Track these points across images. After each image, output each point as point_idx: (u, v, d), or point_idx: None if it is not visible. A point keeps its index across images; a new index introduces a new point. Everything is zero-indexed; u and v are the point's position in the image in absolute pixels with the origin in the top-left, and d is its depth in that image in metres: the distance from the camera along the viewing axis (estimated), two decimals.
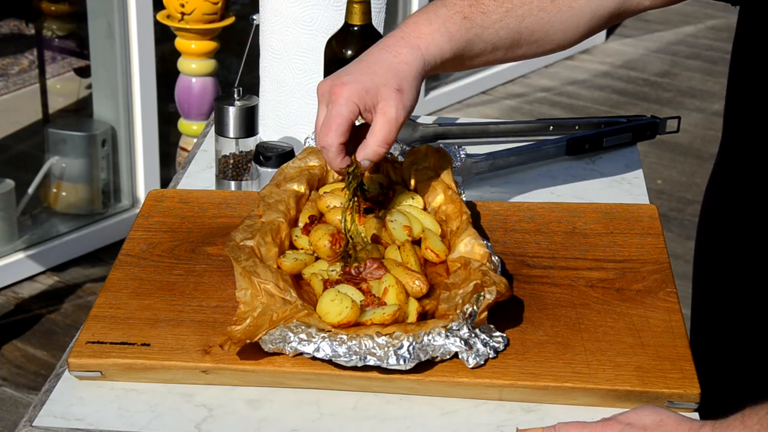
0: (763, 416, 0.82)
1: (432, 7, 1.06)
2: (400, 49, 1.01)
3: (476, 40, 1.06)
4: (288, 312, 0.95)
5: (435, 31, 1.03)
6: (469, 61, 1.08)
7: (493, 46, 1.07)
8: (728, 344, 1.07)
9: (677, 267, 1.19)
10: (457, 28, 1.05)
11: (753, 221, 1.02)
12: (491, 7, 1.07)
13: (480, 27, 1.06)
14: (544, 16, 1.08)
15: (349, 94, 0.98)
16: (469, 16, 1.06)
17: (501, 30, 1.07)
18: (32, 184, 2.84)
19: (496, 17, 1.07)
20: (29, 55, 3.44)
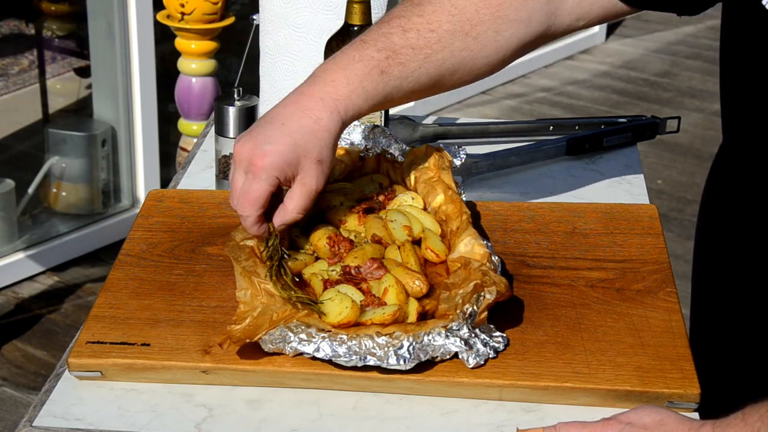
0: (764, 413, 0.82)
1: (348, 60, 1.02)
2: (321, 114, 0.99)
3: (395, 92, 1.03)
4: (288, 312, 0.95)
5: (353, 92, 1.00)
6: (387, 105, 1.06)
7: (412, 92, 1.05)
8: (727, 344, 1.07)
9: (677, 267, 1.19)
10: (374, 86, 1.02)
11: (752, 221, 1.02)
12: (409, 57, 1.03)
13: (398, 79, 1.03)
14: (466, 55, 1.04)
15: (270, 168, 0.97)
16: (386, 70, 1.02)
17: (421, 77, 1.04)
18: (32, 184, 2.84)
19: (415, 66, 1.03)
20: (29, 55, 3.44)
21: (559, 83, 4.09)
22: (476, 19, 1.04)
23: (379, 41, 1.02)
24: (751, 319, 1.04)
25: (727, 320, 1.07)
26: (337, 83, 1.00)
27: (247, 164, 0.98)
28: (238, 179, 0.99)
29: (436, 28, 1.03)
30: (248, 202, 0.98)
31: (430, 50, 1.03)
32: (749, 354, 1.05)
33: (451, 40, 1.03)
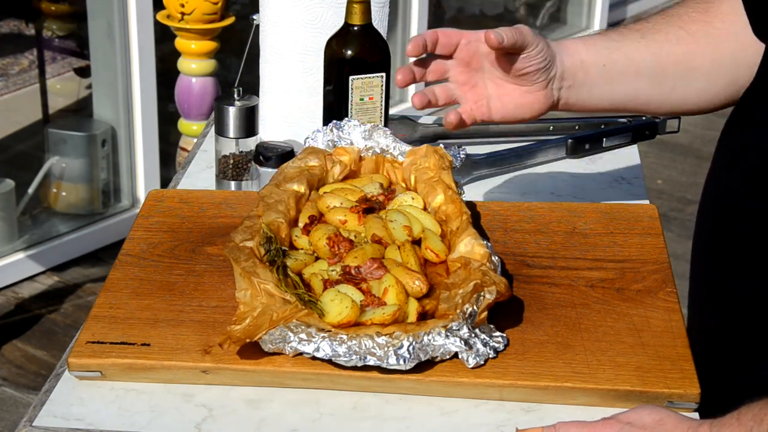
0: (756, 412, 0.82)
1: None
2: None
3: (615, 51, 1.07)
4: (288, 312, 0.95)
5: (573, 40, 1.08)
6: (616, 78, 1.08)
7: (635, 67, 1.08)
8: (726, 343, 1.07)
9: (677, 267, 1.18)
10: (592, 39, 1.08)
11: (751, 220, 1.02)
12: (626, 31, 1.09)
13: (617, 41, 1.08)
14: (683, 45, 1.09)
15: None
16: (603, 34, 1.10)
17: (641, 48, 1.08)
18: (32, 184, 2.84)
19: (634, 36, 1.09)
20: (29, 55, 3.44)
21: None
22: (687, 18, 1.10)
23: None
24: (749, 318, 1.04)
25: (725, 320, 1.07)
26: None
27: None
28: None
29: (650, 20, 1.11)
30: None
31: (645, 31, 1.09)
32: (747, 353, 1.05)
33: (666, 26, 1.09)
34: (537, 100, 1.08)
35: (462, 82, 1.09)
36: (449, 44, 1.07)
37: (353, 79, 1.25)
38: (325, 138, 1.18)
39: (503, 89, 1.09)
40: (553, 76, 1.08)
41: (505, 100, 1.08)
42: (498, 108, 1.09)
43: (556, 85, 1.09)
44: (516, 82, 1.08)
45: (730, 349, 1.06)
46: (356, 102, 1.27)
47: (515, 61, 1.07)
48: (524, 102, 1.08)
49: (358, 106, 1.27)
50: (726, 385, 1.04)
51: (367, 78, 1.26)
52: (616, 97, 1.10)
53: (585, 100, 1.10)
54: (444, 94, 1.09)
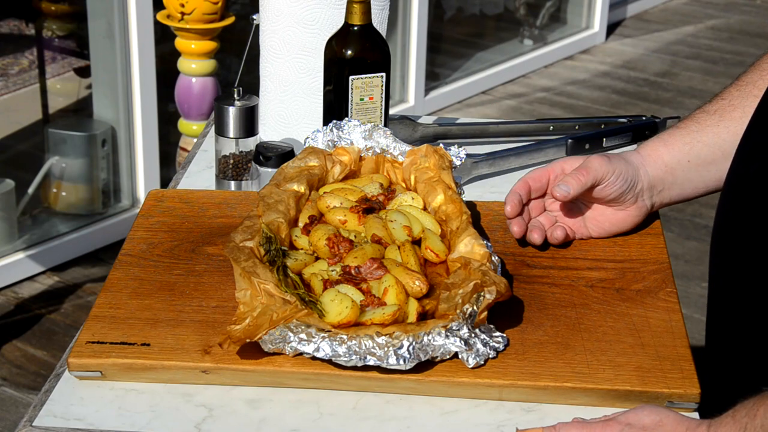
0: (750, 408, 0.83)
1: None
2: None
3: (696, 144, 1.10)
4: (288, 312, 0.95)
5: (652, 144, 1.11)
6: (703, 168, 1.10)
7: (722, 151, 1.10)
8: (744, 344, 1.06)
9: (677, 267, 1.19)
10: (671, 136, 1.11)
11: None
12: (702, 117, 1.11)
13: (696, 131, 1.10)
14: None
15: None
16: (682, 127, 1.12)
17: (721, 132, 1.10)
18: (32, 184, 2.84)
19: (711, 122, 1.10)
20: (29, 55, 3.44)
21: (559, 83, 4.09)
22: (762, 83, 1.10)
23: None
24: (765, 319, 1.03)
25: (744, 321, 1.06)
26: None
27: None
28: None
29: (726, 96, 1.12)
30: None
31: (723, 111, 1.10)
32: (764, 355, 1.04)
33: (742, 101, 1.10)
34: (630, 214, 1.13)
35: (558, 209, 1.14)
36: (541, 187, 1.13)
37: (353, 79, 1.25)
38: (325, 138, 1.18)
39: (596, 211, 1.13)
40: (640, 190, 1.12)
41: (599, 220, 1.13)
42: (595, 228, 1.14)
43: (647, 195, 1.12)
44: (607, 204, 1.12)
45: (746, 351, 1.05)
46: (356, 102, 1.27)
47: (597, 194, 1.11)
48: (618, 219, 1.13)
49: (358, 106, 1.27)
50: (741, 386, 1.03)
51: (367, 78, 1.26)
52: (710, 183, 1.13)
53: (679, 195, 1.14)
54: (546, 220, 1.14)
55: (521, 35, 4.24)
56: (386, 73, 1.27)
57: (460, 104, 3.85)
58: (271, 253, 1.02)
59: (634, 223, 1.13)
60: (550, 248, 1.12)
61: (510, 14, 4.34)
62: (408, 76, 3.63)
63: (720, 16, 4.82)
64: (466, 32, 4.24)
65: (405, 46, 3.61)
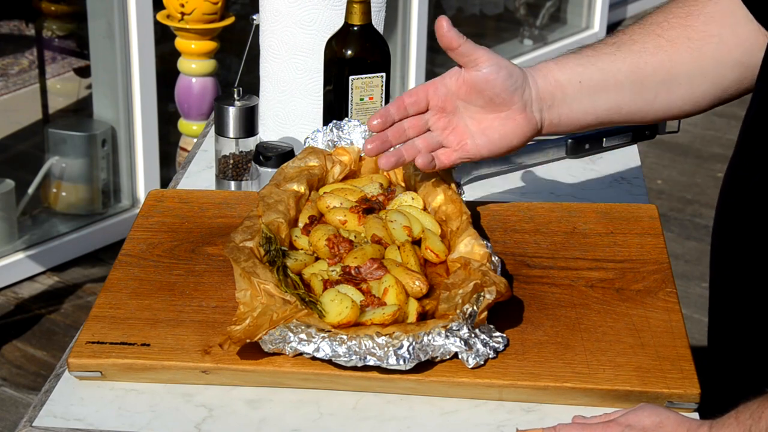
0: (754, 410, 0.82)
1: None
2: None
3: (590, 67, 1.07)
4: (288, 312, 0.95)
5: (543, 62, 1.08)
6: (595, 93, 1.07)
7: (613, 80, 1.07)
8: (746, 344, 1.06)
9: (677, 267, 1.19)
10: (564, 58, 1.08)
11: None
12: (600, 46, 1.09)
13: (590, 56, 1.07)
14: (662, 53, 1.07)
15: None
16: (577, 51, 1.09)
17: (617, 61, 1.07)
18: (32, 184, 2.84)
19: (608, 50, 1.08)
20: (29, 55, 3.44)
21: None
22: (666, 24, 1.09)
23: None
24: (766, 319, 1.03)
25: (744, 321, 1.06)
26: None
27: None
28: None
29: (627, 31, 1.10)
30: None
31: (620, 41, 1.08)
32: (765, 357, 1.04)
33: (643, 36, 1.09)
34: (519, 124, 1.06)
35: (442, 127, 1.07)
36: (419, 101, 1.06)
37: (353, 79, 1.25)
38: (325, 138, 1.18)
39: (483, 123, 1.07)
40: (528, 98, 1.06)
41: (487, 132, 1.07)
42: (484, 143, 1.07)
43: (535, 107, 1.07)
44: (492, 110, 1.06)
45: (748, 351, 1.05)
46: (356, 102, 1.27)
47: (482, 86, 1.05)
48: (506, 130, 1.07)
49: (358, 106, 1.27)
50: (744, 386, 1.03)
51: (367, 78, 1.26)
52: (600, 112, 1.09)
53: (568, 117, 1.08)
54: (424, 143, 1.07)
55: (521, 35, 4.24)
56: (386, 73, 1.27)
57: None
58: (271, 254, 1.02)
59: (523, 136, 1.07)
60: (550, 248, 1.12)
61: (510, 14, 4.34)
62: (408, 77, 3.63)
63: None
64: (467, 32, 4.20)
65: (405, 46, 3.61)
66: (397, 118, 1.05)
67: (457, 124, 1.07)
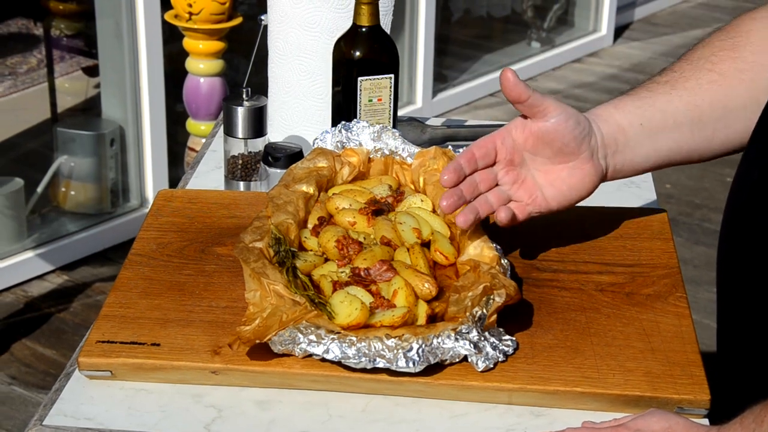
0: (758, 414, 0.82)
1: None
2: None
3: (648, 109, 1.06)
4: (297, 313, 0.95)
5: (602, 106, 1.07)
6: (655, 134, 1.06)
7: (672, 119, 1.06)
8: (755, 350, 1.06)
9: (686, 272, 1.18)
10: (621, 101, 1.07)
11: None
12: (653, 86, 1.08)
13: (647, 98, 1.07)
14: (716, 88, 1.07)
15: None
16: (632, 93, 1.08)
17: (674, 99, 1.07)
18: (41, 183, 2.84)
19: (663, 90, 1.08)
20: (38, 54, 3.44)
21: (567, 86, 4.09)
22: (715, 58, 1.08)
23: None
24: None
25: (753, 326, 1.06)
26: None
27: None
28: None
29: (677, 69, 1.10)
30: None
31: (675, 81, 1.08)
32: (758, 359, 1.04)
33: (694, 73, 1.08)
34: (587, 173, 1.05)
35: (511, 181, 1.05)
36: (488, 153, 1.04)
37: (362, 80, 1.25)
38: (333, 139, 1.18)
39: (551, 174, 1.05)
40: (594, 145, 1.05)
41: (556, 184, 1.06)
42: (553, 195, 1.06)
43: (601, 153, 1.06)
44: (560, 160, 1.05)
45: (757, 356, 1.05)
46: (365, 103, 1.27)
47: (551, 137, 1.04)
48: (575, 180, 1.05)
49: (366, 108, 1.27)
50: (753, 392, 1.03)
51: (375, 79, 1.26)
52: (662, 153, 1.09)
53: (632, 161, 1.08)
54: (496, 198, 1.05)
55: (529, 38, 4.24)
56: (395, 75, 1.27)
57: (468, 106, 3.85)
58: (280, 254, 1.02)
59: (591, 186, 1.06)
60: (560, 252, 1.12)
61: (517, 16, 4.33)
62: (416, 78, 3.63)
63: (727, 20, 4.79)
64: (474, 34, 4.23)
65: (412, 48, 3.61)
66: (468, 171, 1.03)
67: (525, 177, 1.05)
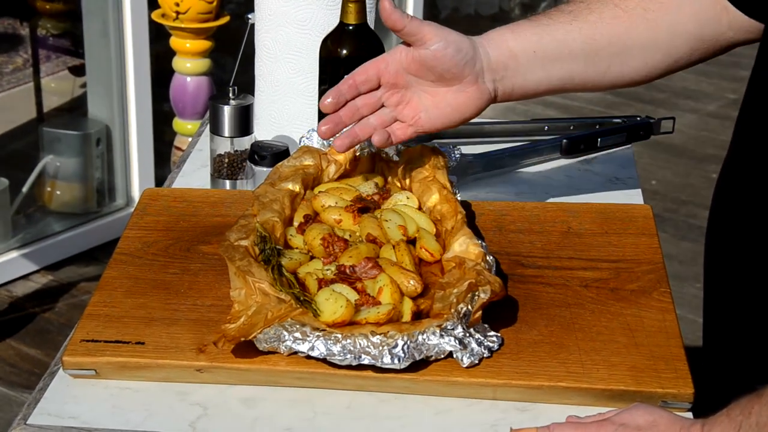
0: (744, 406, 0.83)
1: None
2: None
3: (545, 36, 1.05)
4: (283, 311, 0.95)
5: (499, 30, 1.06)
6: (549, 63, 1.06)
7: (567, 50, 1.06)
8: (741, 344, 1.06)
9: (671, 267, 1.19)
10: (520, 26, 1.06)
11: (763, 218, 1.01)
12: (556, 14, 1.08)
13: (546, 25, 1.06)
14: (618, 24, 1.06)
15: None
16: (533, 19, 1.08)
17: (572, 31, 1.06)
18: (26, 182, 2.83)
19: (564, 19, 1.07)
20: (24, 53, 3.43)
21: None
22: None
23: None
24: (762, 319, 1.03)
25: (739, 320, 1.06)
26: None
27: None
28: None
29: (585, 0, 1.08)
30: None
31: (577, 10, 1.07)
32: (762, 355, 1.04)
33: (600, 6, 1.07)
34: (471, 96, 1.06)
35: (395, 103, 1.07)
36: (369, 78, 1.06)
37: None
38: (320, 137, 1.18)
39: (436, 96, 1.07)
40: (480, 69, 1.06)
41: (441, 106, 1.07)
42: (437, 115, 1.07)
43: (488, 77, 1.06)
44: (444, 83, 1.06)
45: (742, 350, 1.05)
46: None
47: (431, 63, 1.05)
48: (459, 102, 1.06)
49: None
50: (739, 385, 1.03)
51: None
52: (553, 82, 1.08)
53: (521, 86, 1.08)
54: (378, 120, 1.06)
55: None
56: None
57: None
58: (265, 252, 1.02)
59: (476, 107, 1.07)
60: (545, 248, 1.13)
61: (505, 14, 4.34)
62: None
63: None
64: (462, 32, 4.24)
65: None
66: (350, 97, 1.04)
67: (410, 98, 1.07)
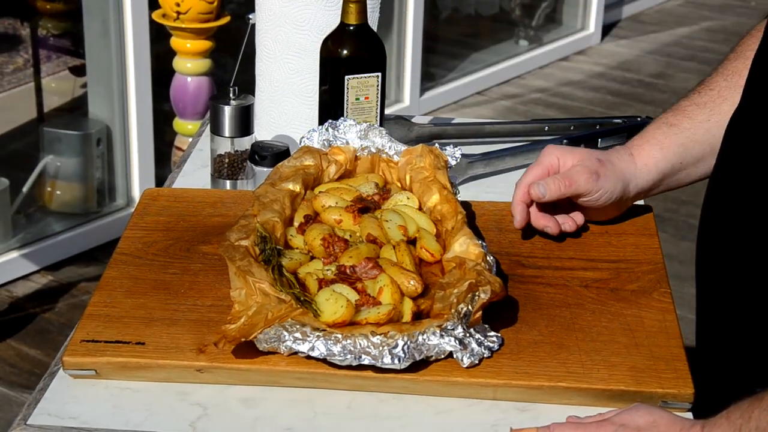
0: (744, 410, 0.83)
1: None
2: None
3: (689, 144, 1.11)
4: (283, 311, 0.95)
5: (649, 149, 1.11)
6: (692, 166, 1.11)
7: (711, 149, 1.10)
8: (733, 344, 1.07)
9: (671, 267, 1.19)
10: (668, 138, 1.11)
11: (753, 219, 1.02)
12: (695, 112, 1.11)
13: (689, 129, 1.10)
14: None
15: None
16: (674, 123, 1.11)
17: (711, 128, 1.10)
18: (27, 182, 2.83)
19: (703, 117, 1.11)
20: (24, 53, 3.43)
21: (554, 84, 4.10)
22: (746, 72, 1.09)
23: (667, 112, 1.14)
24: (754, 317, 1.03)
25: (731, 319, 1.06)
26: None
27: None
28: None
29: (714, 87, 1.12)
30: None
31: (713, 104, 1.11)
32: (753, 354, 1.04)
33: (730, 92, 1.10)
34: (612, 213, 1.15)
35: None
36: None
37: (349, 79, 1.25)
38: (320, 137, 1.18)
39: (591, 211, 1.15)
40: (625, 200, 1.13)
41: (593, 215, 1.15)
42: (588, 218, 1.16)
43: (632, 200, 1.15)
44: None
45: (735, 350, 1.05)
46: (352, 101, 1.27)
47: (584, 205, 1.13)
48: (600, 214, 1.15)
49: (353, 106, 1.27)
50: (733, 385, 1.04)
51: (362, 78, 1.26)
52: (695, 178, 1.15)
53: (663, 191, 1.17)
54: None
55: (516, 36, 4.25)
56: (382, 73, 1.27)
57: (456, 105, 3.85)
58: (266, 252, 1.02)
59: (617, 214, 1.16)
60: (545, 248, 1.13)
61: (505, 15, 4.34)
62: (403, 77, 3.63)
63: (715, 18, 4.82)
64: (462, 33, 4.24)
65: (400, 47, 3.61)
66: (529, 206, 1.14)
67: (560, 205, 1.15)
